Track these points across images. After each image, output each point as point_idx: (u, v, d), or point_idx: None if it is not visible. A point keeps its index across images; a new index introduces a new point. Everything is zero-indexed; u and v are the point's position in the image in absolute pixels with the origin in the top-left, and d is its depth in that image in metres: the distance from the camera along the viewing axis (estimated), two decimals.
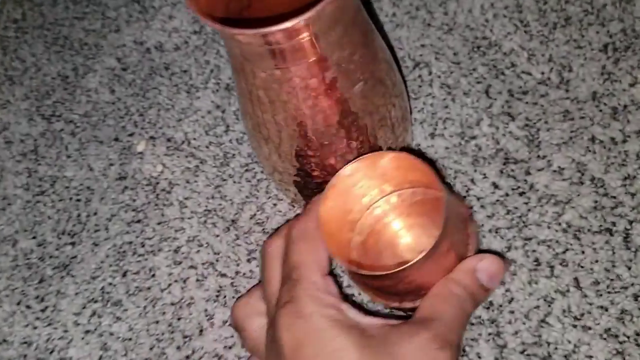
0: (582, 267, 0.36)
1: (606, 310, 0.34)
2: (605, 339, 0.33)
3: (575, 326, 0.34)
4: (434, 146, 0.41)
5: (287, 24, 0.24)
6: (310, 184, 0.36)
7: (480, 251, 0.32)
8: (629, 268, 0.35)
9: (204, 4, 0.28)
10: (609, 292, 0.35)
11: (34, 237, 0.45)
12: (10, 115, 0.51)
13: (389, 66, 0.34)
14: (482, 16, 0.45)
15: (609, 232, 0.36)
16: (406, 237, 0.35)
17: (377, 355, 0.26)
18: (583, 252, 0.36)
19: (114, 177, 0.46)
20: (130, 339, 0.40)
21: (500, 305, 0.36)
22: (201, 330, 0.39)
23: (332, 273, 0.29)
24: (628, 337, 0.33)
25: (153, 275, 0.41)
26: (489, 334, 0.35)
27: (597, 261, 0.36)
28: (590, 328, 0.34)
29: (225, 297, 0.40)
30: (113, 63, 0.51)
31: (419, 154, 0.40)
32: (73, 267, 0.43)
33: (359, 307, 0.29)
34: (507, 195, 0.38)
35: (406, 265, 0.27)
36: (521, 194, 0.38)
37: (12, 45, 0.54)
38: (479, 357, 0.34)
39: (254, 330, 0.31)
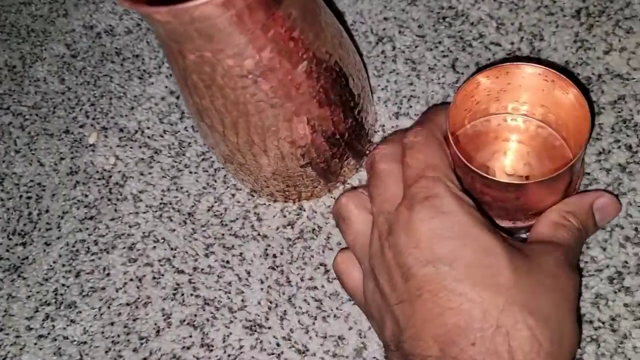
0: None
1: (580, 295, 0.32)
2: (579, 325, 0.32)
3: None
4: (399, 126, 0.39)
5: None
6: (264, 171, 0.34)
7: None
8: (604, 249, 0.33)
9: None
10: (582, 276, 0.33)
11: None
12: None
13: (339, 43, 0.31)
14: None
15: None
16: (499, 161, 0.36)
17: (526, 260, 0.26)
18: None
19: (65, 172, 0.43)
20: (85, 343, 0.38)
21: None
22: (158, 331, 0.37)
23: None
24: (603, 323, 0.32)
25: (107, 275, 0.39)
26: None
27: None
28: None
29: (182, 295, 0.38)
30: (62, 50, 0.48)
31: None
32: (24, 268, 0.41)
33: None
34: None
35: (536, 180, 0.28)
36: None
37: None
38: None
39: (356, 275, 0.30)
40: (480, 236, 0.25)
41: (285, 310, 0.36)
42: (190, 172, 0.41)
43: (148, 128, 0.43)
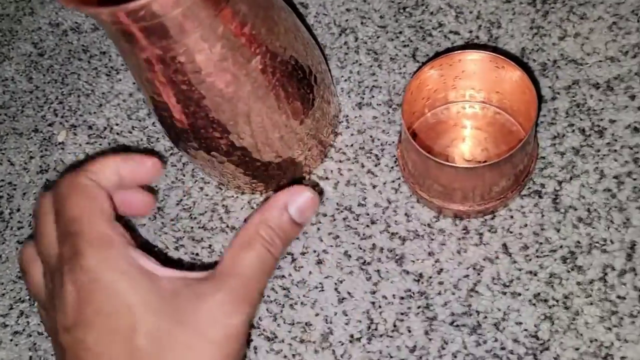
0: (510, 232, 0.35)
1: (535, 275, 0.34)
2: (534, 304, 0.33)
3: (504, 293, 0.33)
4: (362, 116, 0.40)
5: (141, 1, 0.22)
6: (227, 166, 0.35)
7: None
8: (558, 230, 0.34)
9: None
10: (537, 257, 0.34)
11: None
12: None
13: (295, 36, 0.32)
14: None
15: (537, 195, 0.35)
16: (458, 147, 0.37)
17: (169, 320, 0.24)
18: (512, 217, 0.35)
19: (36, 171, 0.44)
20: None
21: (430, 277, 0.35)
22: None
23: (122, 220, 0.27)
24: (557, 301, 0.33)
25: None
26: (419, 307, 0.34)
27: (525, 225, 0.35)
28: (519, 294, 0.33)
29: None
30: (29, 48, 0.48)
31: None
32: None
33: (157, 257, 0.27)
34: None
35: (486, 163, 0.31)
36: None
37: None
38: (409, 331, 0.34)
39: (37, 275, 0.28)
40: (119, 295, 0.24)
41: None
42: None
43: (117, 125, 0.44)
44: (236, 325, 0.25)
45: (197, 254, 0.38)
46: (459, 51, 0.33)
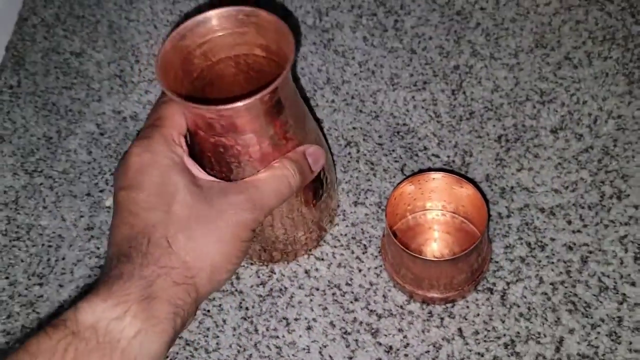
0: (466, 319, 0.43)
1: (482, 356, 0.41)
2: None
3: None
4: (356, 212, 0.49)
5: (231, 106, 0.33)
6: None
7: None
8: (503, 321, 0.42)
9: (172, 81, 0.36)
10: (485, 341, 0.42)
11: (6, 278, 0.51)
12: None
13: (316, 141, 0.42)
14: (404, 106, 0.55)
15: (490, 291, 0.44)
16: (431, 246, 0.46)
17: (199, 200, 0.34)
18: (468, 307, 0.43)
19: (83, 227, 0.53)
20: None
21: (398, 349, 0.42)
22: None
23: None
24: None
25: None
26: None
27: (478, 315, 0.43)
28: None
29: None
30: (92, 128, 0.59)
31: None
32: (39, 305, 0.49)
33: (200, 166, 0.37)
34: None
35: (447, 258, 0.42)
36: None
37: (6, 108, 0.62)
38: None
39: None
40: (171, 175, 0.34)
41: (251, 354, 0.44)
42: None
43: None
44: (247, 219, 0.35)
45: (208, 311, 0.46)
46: (432, 172, 0.44)
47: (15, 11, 0.68)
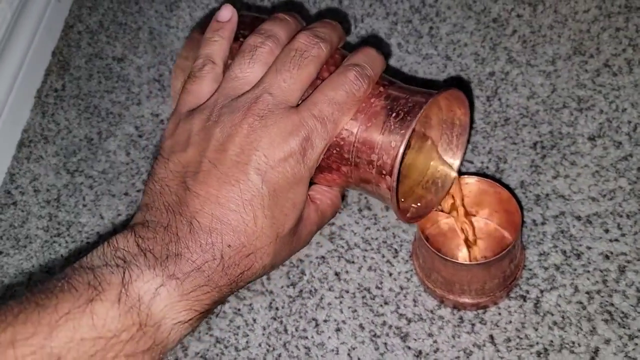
0: (497, 326, 0.42)
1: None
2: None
3: None
4: (387, 216, 0.49)
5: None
6: None
7: None
8: (536, 330, 0.42)
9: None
10: (517, 349, 0.41)
11: (47, 272, 0.53)
12: (41, 168, 0.60)
13: None
14: None
15: (523, 298, 0.43)
16: (463, 252, 0.46)
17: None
18: (500, 314, 0.43)
19: (121, 225, 0.54)
20: None
21: (427, 354, 0.42)
22: (177, 359, 0.46)
23: None
24: None
25: None
26: None
27: (510, 322, 0.42)
28: None
29: (199, 332, 0.46)
30: (131, 130, 0.61)
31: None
32: None
33: None
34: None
35: (478, 262, 0.42)
36: None
37: (51, 110, 0.65)
38: None
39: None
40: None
41: (280, 354, 0.44)
42: None
43: None
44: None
45: (239, 309, 0.47)
46: (465, 176, 0.43)
47: (62, 18, 0.71)
